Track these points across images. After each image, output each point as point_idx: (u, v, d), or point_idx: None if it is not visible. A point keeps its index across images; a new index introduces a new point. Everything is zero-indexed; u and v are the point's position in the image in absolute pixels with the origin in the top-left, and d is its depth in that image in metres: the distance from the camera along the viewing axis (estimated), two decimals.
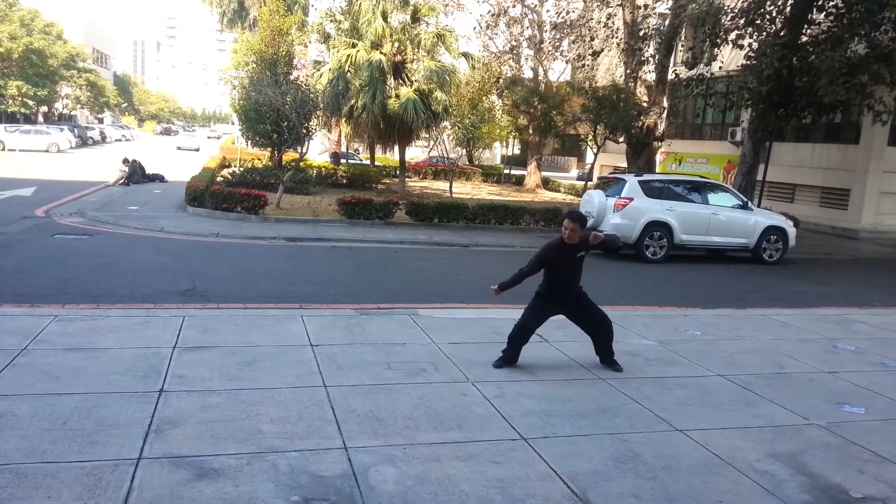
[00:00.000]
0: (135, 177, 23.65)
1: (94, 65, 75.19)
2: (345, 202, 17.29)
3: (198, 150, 52.57)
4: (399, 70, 24.53)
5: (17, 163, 29.80)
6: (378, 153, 37.28)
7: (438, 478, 4.08)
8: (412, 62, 24.87)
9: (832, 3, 16.53)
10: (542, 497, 3.94)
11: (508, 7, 31.45)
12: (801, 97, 17.03)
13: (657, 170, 24.92)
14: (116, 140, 59.89)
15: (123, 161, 24.24)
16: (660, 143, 23.34)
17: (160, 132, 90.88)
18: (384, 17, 23.73)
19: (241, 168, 26.97)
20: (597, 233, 6.30)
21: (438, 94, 23.98)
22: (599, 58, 25.14)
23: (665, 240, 14.27)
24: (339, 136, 33.53)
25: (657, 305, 9.81)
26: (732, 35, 17.51)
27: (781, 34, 17.05)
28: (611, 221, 14.17)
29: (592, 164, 29.66)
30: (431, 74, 23.35)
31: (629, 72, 22.34)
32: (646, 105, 21.40)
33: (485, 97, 36.29)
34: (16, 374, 5.27)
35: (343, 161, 33.79)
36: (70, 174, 25.84)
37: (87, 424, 4.46)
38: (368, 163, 36.58)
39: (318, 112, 21.73)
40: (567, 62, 32.73)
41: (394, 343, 6.74)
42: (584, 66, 26.74)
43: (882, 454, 4.81)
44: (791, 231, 15.32)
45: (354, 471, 4.10)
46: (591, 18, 27.45)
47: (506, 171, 40.14)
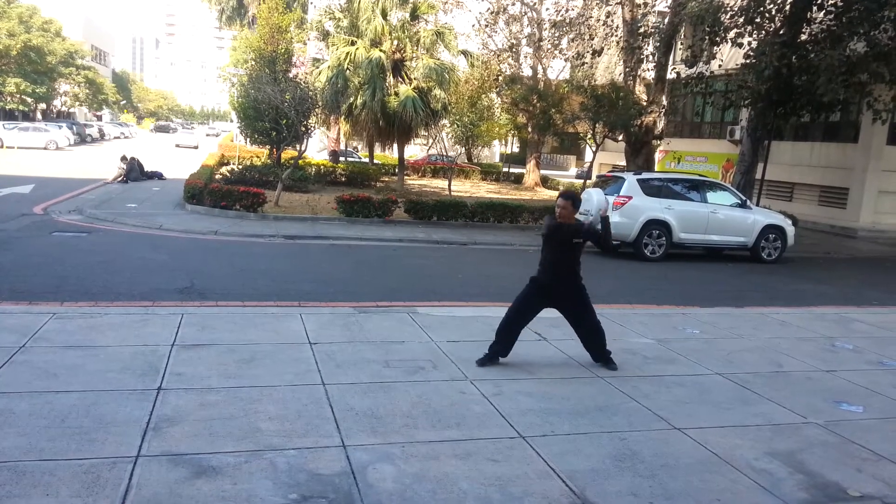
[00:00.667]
0: (133, 174, 23.63)
1: (93, 62, 75.08)
2: (343, 200, 17.27)
3: (196, 148, 52.52)
4: (398, 68, 24.52)
5: (16, 160, 29.75)
6: (377, 151, 37.25)
7: (437, 476, 4.08)
8: (411, 60, 24.86)
9: (831, 2, 16.52)
10: (541, 495, 3.95)
11: (508, 5, 31.43)
12: (801, 96, 17.03)
13: (656, 168, 24.94)
14: (115, 137, 59.79)
15: (122, 158, 24.21)
16: (659, 142, 23.38)
17: (153, 129, 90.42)
18: (383, 15, 23.71)
19: (240, 166, 26.94)
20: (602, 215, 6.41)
21: (437, 92, 23.98)
22: (599, 56, 25.11)
23: (664, 238, 14.27)
24: (338, 134, 33.53)
25: (656, 304, 9.81)
26: (732, 33, 17.50)
27: (781, 33, 17.05)
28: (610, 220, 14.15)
29: (591, 163, 29.67)
30: (430, 72, 23.35)
31: (628, 70, 22.33)
32: (645, 103, 21.40)
33: (484, 95, 36.29)
34: (14, 372, 5.26)
35: (342, 159, 33.78)
36: (68, 171, 25.81)
37: (86, 422, 4.46)
38: (367, 161, 36.57)
39: (317, 110, 21.70)
40: (566, 60, 32.71)
41: (392, 341, 6.74)
42: (584, 65, 26.72)
43: (880, 452, 4.82)
44: (790, 230, 15.32)
45: (353, 469, 4.09)
46: (591, 16, 27.45)
47: (505, 170, 40.14)
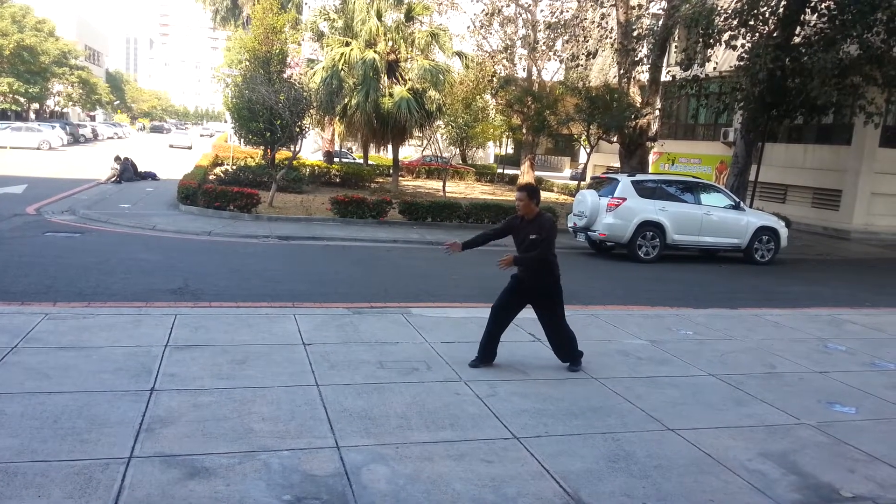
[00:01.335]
0: (126, 174, 23.55)
1: (87, 62, 74.75)
2: (338, 201, 17.26)
3: (190, 148, 52.36)
4: (393, 69, 24.52)
5: (8, 160, 29.58)
6: (371, 152, 37.22)
7: (431, 477, 4.07)
8: (406, 61, 24.87)
9: (825, 5, 16.59)
10: (535, 496, 3.95)
11: (502, 6, 31.47)
12: (794, 98, 17.09)
13: (650, 170, 24.95)
14: (108, 138, 59.56)
15: (115, 159, 24.13)
16: (653, 144, 23.37)
17: (141, 128, 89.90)
18: (378, 16, 23.71)
19: (234, 166, 26.89)
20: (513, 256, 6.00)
21: (432, 93, 23.99)
22: (593, 58, 25.16)
23: (658, 240, 14.31)
24: (333, 135, 33.47)
25: (649, 305, 9.83)
26: (726, 36, 17.56)
27: (774, 35, 17.11)
28: (604, 221, 14.20)
29: (586, 164, 29.69)
30: (425, 73, 23.36)
31: (623, 72, 22.36)
32: (639, 105, 21.43)
33: (478, 96, 36.28)
34: (6, 373, 5.23)
35: (336, 160, 33.74)
36: (61, 172, 25.70)
37: (78, 423, 4.44)
38: (362, 162, 36.52)
39: (312, 110, 21.72)
40: (561, 62, 32.77)
41: (386, 342, 6.73)
42: (578, 66, 26.77)
43: (872, 454, 4.83)
44: (783, 231, 15.39)
45: (347, 470, 4.09)
46: (585, 18, 27.50)
47: (499, 171, 40.18)
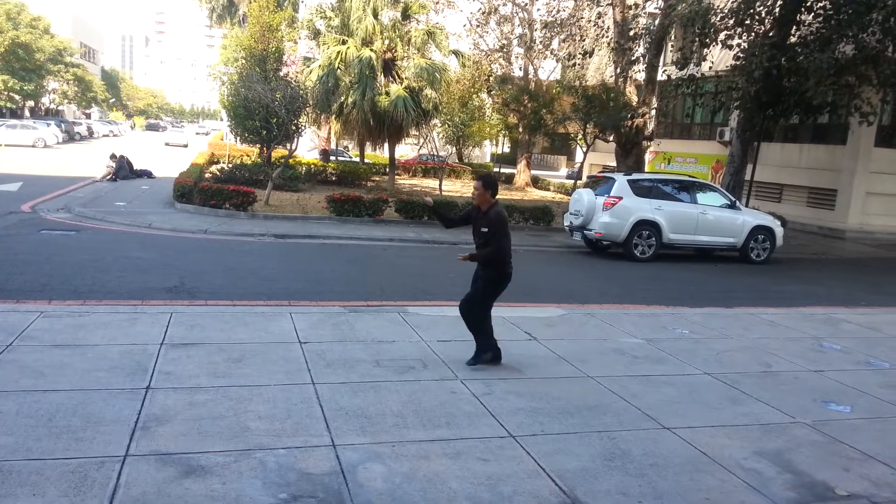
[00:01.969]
0: (122, 172, 23.50)
1: (82, 59, 74.51)
2: (334, 199, 17.24)
3: (186, 147, 52.26)
4: (389, 67, 24.48)
5: (3, 158, 29.47)
6: (368, 150, 37.16)
7: (427, 475, 4.07)
8: (402, 59, 24.83)
9: (820, 5, 16.62)
10: (531, 494, 3.95)
11: (499, 5, 31.47)
12: (790, 97, 17.13)
13: (646, 169, 24.99)
14: (104, 135, 59.39)
15: (111, 157, 24.07)
16: (649, 143, 23.41)
17: (132, 127, 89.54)
18: (375, 15, 23.67)
19: (230, 164, 26.79)
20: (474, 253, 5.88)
21: (429, 92, 23.95)
22: (590, 57, 25.17)
23: (654, 239, 14.32)
24: (329, 134, 33.41)
25: (645, 304, 9.84)
26: (722, 35, 17.58)
27: (770, 35, 17.14)
28: (600, 220, 14.21)
29: (582, 163, 29.73)
30: (422, 72, 23.33)
31: (619, 71, 22.39)
32: (635, 104, 21.46)
33: (475, 95, 36.27)
34: (1, 371, 5.22)
35: (332, 158, 33.68)
36: (57, 169, 25.62)
37: (74, 421, 4.43)
38: (358, 160, 36.46)
39: (308, 109, 21.63)
40: (557, 61, 32.80)
41: (383, 341, 6.73)
42: (575, 65, 26.78)
43: (867, 452, 4.85)
44: (778, 231, 15.42)
45: (343, 468, 4.09)
46: (582, 17, 27.52)
47: (495, 170, 40.11)
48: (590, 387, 5.87)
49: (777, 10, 17.17)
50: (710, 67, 21.31)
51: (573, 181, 27.57)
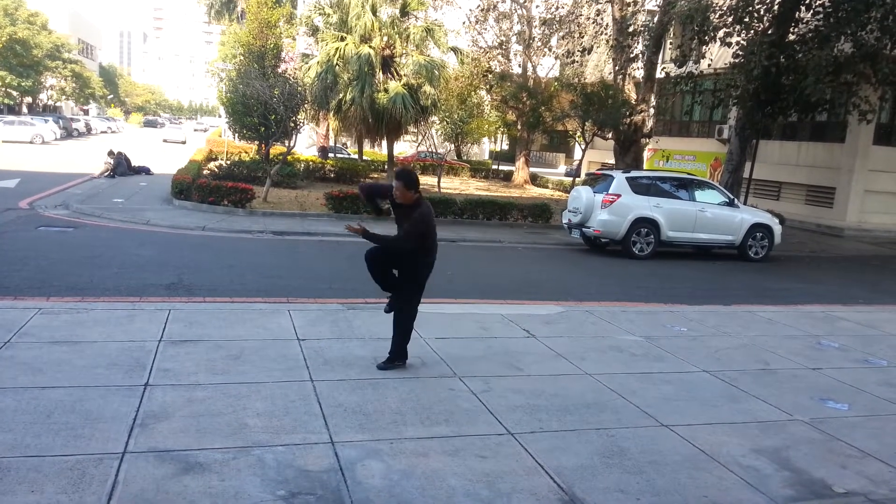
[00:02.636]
0: (120, 169, 23.45)
1: (80, 56, 74.40)
2: (332, 196, 17.23)
3: (184, 143, 52.15)
4: (388, 64, 24.47)
5: (1, 154, 29.42)
6: (366, 147, 37.17)
7: (425, 472, 4.07)
8: (401, 56, 24.82)
9: (819, 3, 16.63)
10: (529, 491, 3.95)
11: (498, 2, 31.43)
12: (788, 95, 17.14)
13: (645, 166, 25.02)
14: (102, 132, 59.30)
15: (109, 153, 24.03)
16: (647, 140, 23.42)
17: (123, 119, 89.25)
18: (373, 11, 23.65)
19: (228, 161, 26.75)
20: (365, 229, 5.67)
21: (427, 89, 23.94)
22: (588, 54, 25.16)
23: (652, 236, 14.33)
24: (327, 130, 33.39)
25: (643, 301, 9.85)
26: (721, 32, 17.58)
27: (769, 32, 17.15)
28: (598, 218, 14.21)
29: (580, 161, 29.74)
30: (420, 69, 23.32)
31: (618, 68, 22.38)
32: (634, 102, 21.46)
33: (474, 92, 36.27)
34: None
35: (331, 155, 33.64)
36: (55, 166, 25.57)
37: (72, 418, 4.42)
38: (356, 157, 36.47)
39: (306, 105, 21.62)
40: (556, 58, 32.76)
41: (381, 338, 6.72)
42: (573, 63, 26.79)
43: (865, 450, 4.86)
44: (777, 228, 15.43)
45: (341, 465, 4.09)
46: (581, 14, 27.49)
47: (494, 167, 40.17)
48: (588, 384, 5.87)
49: (776, 8, 17.17)
50: (709, 65, 21.31)
51: (572, 178, 27.57)
